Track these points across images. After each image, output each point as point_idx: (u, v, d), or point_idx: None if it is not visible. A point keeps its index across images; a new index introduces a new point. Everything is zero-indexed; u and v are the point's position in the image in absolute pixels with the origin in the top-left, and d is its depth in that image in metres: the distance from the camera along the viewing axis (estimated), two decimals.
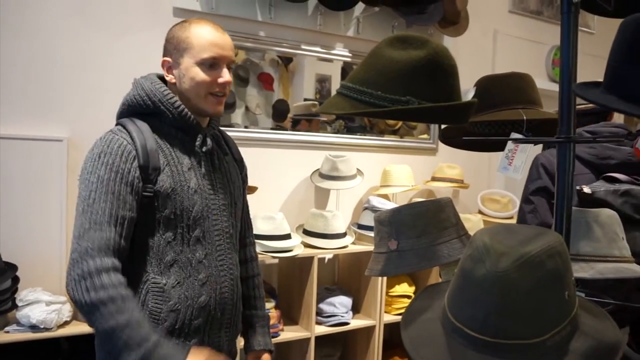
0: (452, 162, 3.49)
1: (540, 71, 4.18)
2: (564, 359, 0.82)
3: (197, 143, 1.44)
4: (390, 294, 3.10)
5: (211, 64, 1.39)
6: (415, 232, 1.27)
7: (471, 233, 1.40)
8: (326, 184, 3.02)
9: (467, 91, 1.15)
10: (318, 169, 3.12)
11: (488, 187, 3.81)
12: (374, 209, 3.03)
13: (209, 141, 1.46)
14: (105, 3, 2.61)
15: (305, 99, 3.20)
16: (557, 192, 1.13)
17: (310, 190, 3.21)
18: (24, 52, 2.45)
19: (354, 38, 3.29)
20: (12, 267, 2.29)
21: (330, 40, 3.22)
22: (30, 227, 2.45)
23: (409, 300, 3.11)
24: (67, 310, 2.29)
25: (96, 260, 1.23)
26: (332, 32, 3.19)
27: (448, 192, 3.61)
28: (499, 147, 1.32)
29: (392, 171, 3.24)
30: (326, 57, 3.23)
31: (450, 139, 1.54)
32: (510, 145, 1.22)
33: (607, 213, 1.37)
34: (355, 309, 3.07)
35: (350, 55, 3.26)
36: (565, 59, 1.10)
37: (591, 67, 1.13)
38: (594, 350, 0.84)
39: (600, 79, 1.02)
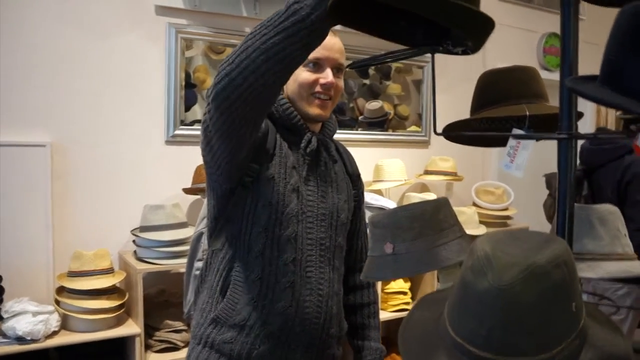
0: (445, 154, 3.45)
1: (531, 60, 4.13)
2: None
3: (303, 144, 1.41)
4: (386, 290, 3.06)
5: (314, 64, 1.37)
6: (412, 234, 1.22)
7: (465, 226, 1.35)
8: None
9: None
10: None
11: (482, 179, 3.77)
12: (367, 205, 2.98)
13: (313, 141, 1.42)
14: (86, 4, 2.53)
15: None
16: (559, 190, 1.08)
17: None
18: (5, 56, 2.37)
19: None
20: None
21: None
22: (15, 235, 2.39)
23: (405, 297, 3.09)
24: (54, 320, 2.23)
25: None
26: None
27: (442, 185, 3.57)
28: (501, 142, 1.27)
29: (385, 166, 3.20)
30: None
31: (452, 133, 1.49)
32: (512, 142, 1.16)
33: (608, 209, 1.32)
34: None
35: None
36: (567, 51, 1.05)
37: (582, 54, 1.09)
38: None
39: (592, 66, 0.97)
